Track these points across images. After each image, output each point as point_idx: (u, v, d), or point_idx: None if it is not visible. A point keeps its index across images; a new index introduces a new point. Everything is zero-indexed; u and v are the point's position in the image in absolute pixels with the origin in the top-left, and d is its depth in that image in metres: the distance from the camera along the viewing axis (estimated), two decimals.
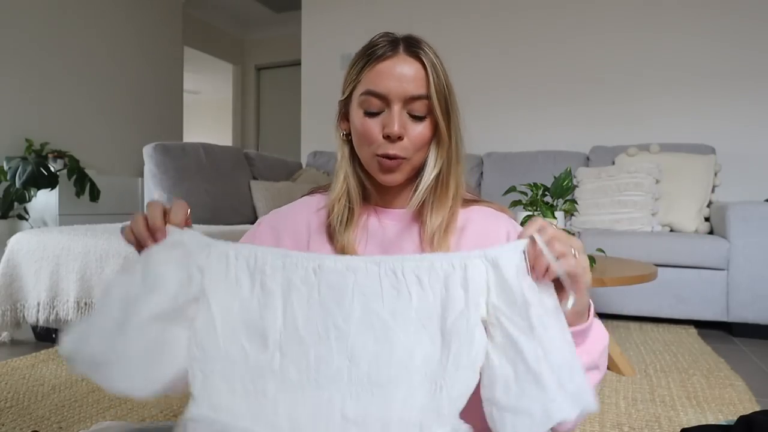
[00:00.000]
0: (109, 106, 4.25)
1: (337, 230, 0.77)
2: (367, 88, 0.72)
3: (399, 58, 0.72)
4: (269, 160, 3.32)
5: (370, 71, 0.72)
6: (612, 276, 1.63)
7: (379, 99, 0.72)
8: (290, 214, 0.84)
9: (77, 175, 3.42)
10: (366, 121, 0.73)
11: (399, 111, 0.72)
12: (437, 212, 0.74)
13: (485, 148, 3.55)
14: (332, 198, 0.78)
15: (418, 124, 0.73)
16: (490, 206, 0.82)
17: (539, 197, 1.84)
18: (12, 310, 1.95)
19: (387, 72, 0.71)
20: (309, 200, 0.85)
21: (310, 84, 4.27)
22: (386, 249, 0.78)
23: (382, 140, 0.72)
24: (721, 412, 1.45)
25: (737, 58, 3.15)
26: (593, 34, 3.46)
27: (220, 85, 6.95)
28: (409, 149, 0.73)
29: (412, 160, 0.74)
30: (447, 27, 3.80)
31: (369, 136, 0.73)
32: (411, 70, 0.72)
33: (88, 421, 1.34)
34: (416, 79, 0.72)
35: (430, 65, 0.73)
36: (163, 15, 4.78)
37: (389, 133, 0.71)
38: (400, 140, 0.72)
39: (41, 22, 3.70)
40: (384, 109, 0.72)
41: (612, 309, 2.50)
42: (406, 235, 0.77)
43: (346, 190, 0.78)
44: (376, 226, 0.80)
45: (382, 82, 0.71)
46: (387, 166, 0.73)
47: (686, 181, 2.80)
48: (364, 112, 0.73)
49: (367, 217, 0.80)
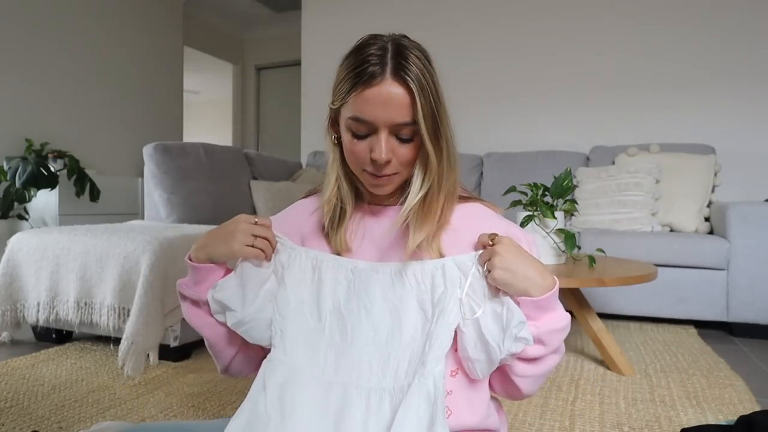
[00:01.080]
0: (109, 106, 4.25)
1: (331, 230, 0.81)
2: (354, 114, 0.73)
3: (385, 84, 0.71)
4: (269, 160, 3.32)
5: (357, 97, 0.72)
6: (612, 276, 1.63)
7: (366, 125, 0.73)
8: (289, 217, 0.87)
9: (77, 175, 3.42)
10: (354, 143, 0.75)
11: (386, 137, 0.73)
12: (419, 231, 0.75)
13: (485, 148, 3.55)
14: (324, 199, 0.81)
15: (405, 145, 0.74)
16: (485, 204, 0.84)
17: (539, 197, 1.84)
18: (12, 310, 1.95)
19: (374, 100, 0.71)
20: (305, 202, 0.89)
21: (310, 84, 4.28)
22: (380, 247, 0.80)
23: (368, 161, 0.74)
24: (721, 412, 1.45)
25: (737, 58, 3.15)
26: (593, 34, 3.46)
27: (220, 85, 6.95)
28: (397, 167, 0.75)
29: (402, 174, 0.76)
30: (447, 27, 3.80)
31: (357, 157, 0.75)
32: (397, 96, 0.71)
33: (88, 421, 1.34)
34: (402, 107, 0.72)
35: (417, 89, 0.71)
36: (163, 15, 4.78)
37: (376, 158, 0.73)
38: (388, 164, 0.74)
39: (41, 22, 3.70)
40: (371, 133, 0.73)
41: (612, 309, 2.51)
42: (398, 232, 0.80)
43: (338, 192, 0.81)
44: (370, 224, 0.82)
45: (368, 109, 0.72)
46: (377, 183, 0.76)
47: (686, 181, 2.80)
48: (352, 134, 0.75)
49: (361, 215, 0.83)
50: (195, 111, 7.64)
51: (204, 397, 1.52)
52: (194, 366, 1.81)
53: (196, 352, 1.96)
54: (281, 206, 0.92)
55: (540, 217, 1.82)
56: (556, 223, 1.81)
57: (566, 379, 1.73)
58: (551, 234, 1.82)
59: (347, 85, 0.73)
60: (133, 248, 1.79)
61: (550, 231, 1.82)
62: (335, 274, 0.77)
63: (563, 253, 1.88)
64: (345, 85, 0.74)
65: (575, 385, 1.66)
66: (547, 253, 1.84)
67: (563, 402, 1.53)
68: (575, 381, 1.70)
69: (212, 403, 1.47)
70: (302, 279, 0.78)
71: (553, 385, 1.66)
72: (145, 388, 1.59)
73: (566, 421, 1.39)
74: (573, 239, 1.76)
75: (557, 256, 1.86)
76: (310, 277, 0.78)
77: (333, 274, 0.77)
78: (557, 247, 1.84)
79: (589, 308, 1.86)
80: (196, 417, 1.38)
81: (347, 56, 0.76)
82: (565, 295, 1.88)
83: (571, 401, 1.53)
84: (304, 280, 0.78)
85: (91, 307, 1.83)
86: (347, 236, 0.81)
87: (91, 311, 1.83)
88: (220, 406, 1.46)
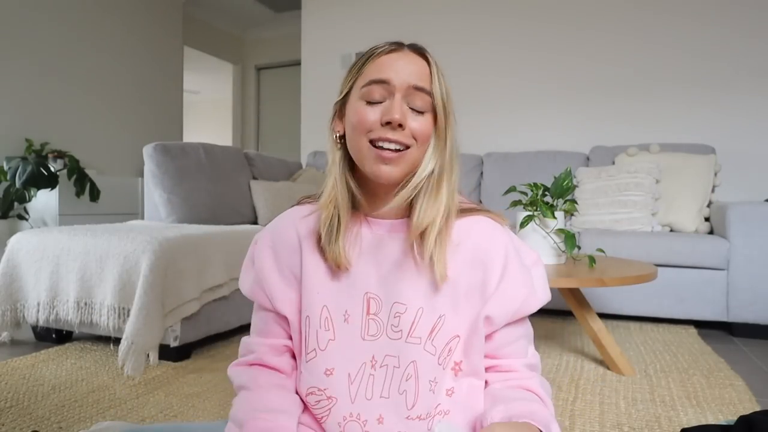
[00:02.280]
0: (109, 106, 4.25)
1: (327, 240, 0.76)
2: (369, 78, 0.72)
3: (403, 53, 0.74)
4: (269, 160, 3.32)
5: (373, 63, 0.73)
6: (612, 276, 1.63)
7: (382, 86, 0.71)
8: (281, 228, 0.83)
9: (77, 175, 3.42)
10: (365, 109, 0.72)
11: (400, 100, 0.71)
12: (427, 212, 0.72)
13: (485, 148, 3.56)
14: (321, 204, 0.77)
15: (418, 116, 0.72)
16: (488, 216, 0.80)
17: (539, 197, 1.84)
18: (12, 310, 1.95)
19: (391, 62, 0.72)
20: (296, 211, 0.84)
21: (310, 84, 4.27)
22: (379, 261, 0.77)
23: (379, 126, 0.71)
24: (721, 412, 1.45)
25: (737, 58, 3.15)
26: (593, 34, 3.46)
27: (220, 85, 6.95)
28: (409, 138, 0.72)
29: (410, 152, 0.72)
30: (447, 27, 3.80)
31: (366, 122, 0.71)
32: (415, 63, 0.73)
33: (88, 421, 1.34)
34: (420, 72, 0.73)
35: (434, 65, 0.74)
36: (163, 15, 4.78)
37: (390, 119, 0.69)
38: (401, 128, 0.71)
39: (41, 22, 3.70)
40: (385, 99, 0.72)
41: (612, 309, 2.51)
42: (398, 245, 0.77)
43: (335, 197, 0.76)
44: (368, 236, 0.78)
45: (385, 70, 0.72)
46: (385, 158, 0.71)
47: (686, 181, 2.80)
48: (365, 101, 0.72)
49: (358, 227, 0.79)
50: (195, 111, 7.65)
51: (204, 397, 1.52)
52: (194, 366, 1.81)
53: (196, 352, 1.97)
54: (281, 206, 0.90)
55: (540, 217, 1.82)
56: (556, 223, 1.81)
57: (566, 379, 1.73)
58: (551, 234, 1.82)
59: (362, 60, 0.74)
60: (133, 248, 1.79)
61: (550, 231, 1.82)
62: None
63: (563, 253, 1.88)
64: (357, 65, 0.74)
65: (575, 385, 1.66)
66: (547, 253, 1.85)
67: (563, 402, 1.53)
68: (575, 381, 1.70)
69: (212, 403, 1.47)
70: None
71: (553, 385, 1.66)
72: (145, 388, 1.59)
73: (566, 421, 1.39)
74: (573, 239, 1.76)
75: (557, 256, 1.87)
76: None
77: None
78: (557, 247, 1.84)
79: (589, 308, 1.86)
80: (196, 417, 1.38)
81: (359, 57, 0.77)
82: (565, 295, 1.88)
83: (571, 401, 1.53)
84: None
85: (91, 307, 1.83)
86: (347, 248, 0.77)
87: (91, 311, 1.83)
88: (220, 406, 1.46)
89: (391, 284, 0.76)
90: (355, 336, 0.76)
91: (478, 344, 0.76)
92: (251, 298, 0.84)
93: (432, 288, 0.75)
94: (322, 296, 0.77)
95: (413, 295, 0.75)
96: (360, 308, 0.76)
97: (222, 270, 2.01)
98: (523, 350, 0.80)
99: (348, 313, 0.76)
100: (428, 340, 0.74)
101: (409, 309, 0.74)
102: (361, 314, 0.76)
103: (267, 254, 0.82)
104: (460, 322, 0.75)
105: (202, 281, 1.92)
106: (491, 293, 0.75)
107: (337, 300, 0.77)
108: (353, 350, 0.75)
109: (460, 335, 0.75)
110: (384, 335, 0.75)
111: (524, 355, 0.80)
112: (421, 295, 0.75)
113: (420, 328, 0.74)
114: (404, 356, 0.74)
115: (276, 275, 0.81)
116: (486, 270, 0.75)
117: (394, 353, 0.74)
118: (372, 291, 0.76)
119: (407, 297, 0.75)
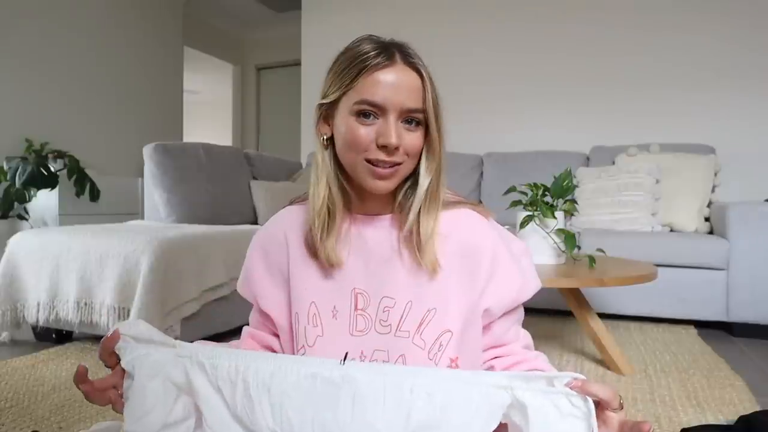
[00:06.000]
0: (109, 106, 4.25)
1: (319, 239, 0.76)
2: (363, 98, 0.71)
3: (397, 68, 0.72)
4: (269, 160, 3.32)
5: (366, 79, 0.71)
6: (612, 276, 1.63)
7: (375, 108, 0.71)
8: (271, 229, 0.86)
9: (77, 175, 3.42)
10: (358, 128, 0.72)
11: (395, 121, 0.71)
12: (427, 220, 0.75)
13: (485, 148, 3.55)
14: (313, 204, 0.77)
15: (411, 133, 0.73)
16: (474, 209, 0.81)
17: (539, 197, 1.84)
18: (12, 310, 1.95)
19: (384, 82, 0.71)
20: (287, 212, 0.86)
21: (310, 84, 4.27)
22: (367, 257, 0.78)
23: (374, 147, 0.72)
24: (721, 412, 1.45)
25: (737, 58, 3.15)
26: (593, 34, 3.46)
27: (220, 85, 6.94)
28: (403, 156, 0.73)
29: (403, 167, 0.74)
30: (447, 27, 3.80)
31: (360, 142, 0.72)
32: (409, 81, 0.72)
33: (88, 421, 1.34)
34: (414, 91, 0.72)
35: (426, 77, 0.73)
36: (163, 15, 4.78)
37: (386, 143, 0.70)
38: (396, 150, 0.72)
39: (41, 22, 3.70)
40: (379, 116, 0.72)
41: (612, 309, 2.50)
42: (386, 240, 0.78)
43: (328, 196, 0.76)
44: (359, 235, 0.79)
45: (379, 91, 0.70)
46: (381, 174, 0.72)
47: (686, 181, 2.80)
48: (356, 119, 0.72)
49: (348, 226, 0.80)
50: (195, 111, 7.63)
51: None
52: None
53: None
54: (281, 206, 0.90)
55: (540, 217, 1.82)
56: (556, 223, 1.81)
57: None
58: (551, 234, 1.82)
59: (353, 71, 0.72)
60: (133, 248, 1.79)
61: (550, 231, 1.82)
62: (279, 384, 0.59)
63: (563, 253, 1.87)
64: (350, 71, 0.72)
65: None
66: (547, 253, 1.84)
67: None
68: None
69: None
70: (218, 397, 0.61)
71: None
72: None
73: None
74: (573, 239, 1.76)
75: (557, 256, 1.86)
76: (230, 394, 0.60)
77: (273, 386, 0.59)
78: (557, 247, 1.84)
79: (589, 308, 1.86)
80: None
81: (344, 52, 0.76)
82: (566, 295, 1.88)
83: None
84: (221, 397, 0.61)
85: (91, 307, 1.83)
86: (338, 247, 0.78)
87: (91, 311, 1.83)
88: None
89: (380, 279, 0.77)
90: (343, 332, 0.77)
91: (474, 339, 0.77)
92: (243, 296, 0.88)
93: (421, 281, 0.76)
94: (309, 293, 0.78)
95: (402, 289, 0.76)
96: (348, 304, 0.77)
97: (222, 270, 2.01)
98: (517, 334, 0.84)
99: (336, 309, 0.77)
100: (416, 333, 0.74)
101: (398, 303, 0.75)
102: (349, 310, 0.77)
103: (257, 255, 0.85)
104: (453, 317, 0.75)
105: (202, 281, 1.92)
106: (483, 285, 0.77)
107: (325, 296, 0.78)
108: (341, 346, 0.75)
109: (453, 330, 0.75)
110: (372, 330, 0.76)
111: (518, 338, 0.84)
112: (409, 289, 0.76)
113: (408, 321, 0.75)
114: (393, 350, 0.75)
115: (265, 275, 0.83)
116: (475, 261, 0.77)
117: (383, 348, 0.75)
118: (360, 287, 0.77)
119: (396, 291, 0.76)
